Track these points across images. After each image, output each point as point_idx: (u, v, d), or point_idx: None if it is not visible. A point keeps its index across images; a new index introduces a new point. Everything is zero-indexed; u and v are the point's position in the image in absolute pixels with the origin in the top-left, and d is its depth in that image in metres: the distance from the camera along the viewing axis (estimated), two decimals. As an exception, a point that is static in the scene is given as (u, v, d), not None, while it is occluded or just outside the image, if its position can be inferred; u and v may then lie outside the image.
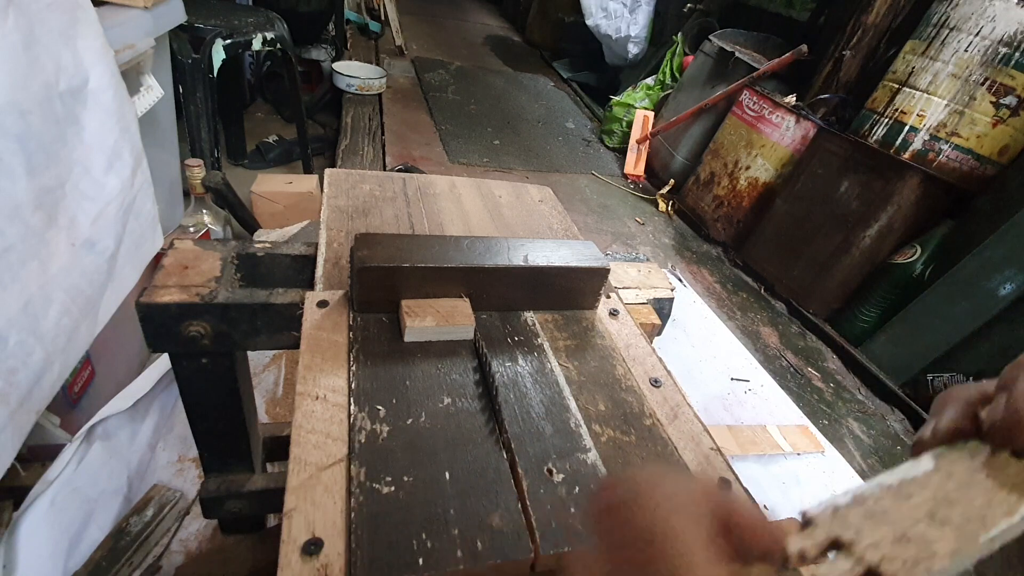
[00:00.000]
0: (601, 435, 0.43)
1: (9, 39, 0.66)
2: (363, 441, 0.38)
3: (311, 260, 0.57)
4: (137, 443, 0.91)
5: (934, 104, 1.91)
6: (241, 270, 0.54)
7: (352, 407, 0.40)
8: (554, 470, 0.39)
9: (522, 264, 0.51)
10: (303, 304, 0.49)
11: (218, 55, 1.55)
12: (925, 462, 0.21)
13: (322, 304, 0.49)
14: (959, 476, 0.20)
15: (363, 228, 0.63)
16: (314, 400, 0.40)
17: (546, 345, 0.51)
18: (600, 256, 0.55)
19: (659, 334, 0.73)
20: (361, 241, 0.48)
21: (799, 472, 1.16)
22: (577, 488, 0.39)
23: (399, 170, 2.29)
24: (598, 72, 4.33)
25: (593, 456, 0.41)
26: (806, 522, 0.21)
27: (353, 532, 0.32)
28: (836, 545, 0.19)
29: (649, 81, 3.24)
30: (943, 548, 0.18)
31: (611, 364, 0.51)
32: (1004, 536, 0.18)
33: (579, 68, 4.46)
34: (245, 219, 1.65)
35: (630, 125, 3.17)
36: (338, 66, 2.93)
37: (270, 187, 1.77)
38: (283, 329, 0.51)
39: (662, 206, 2.82)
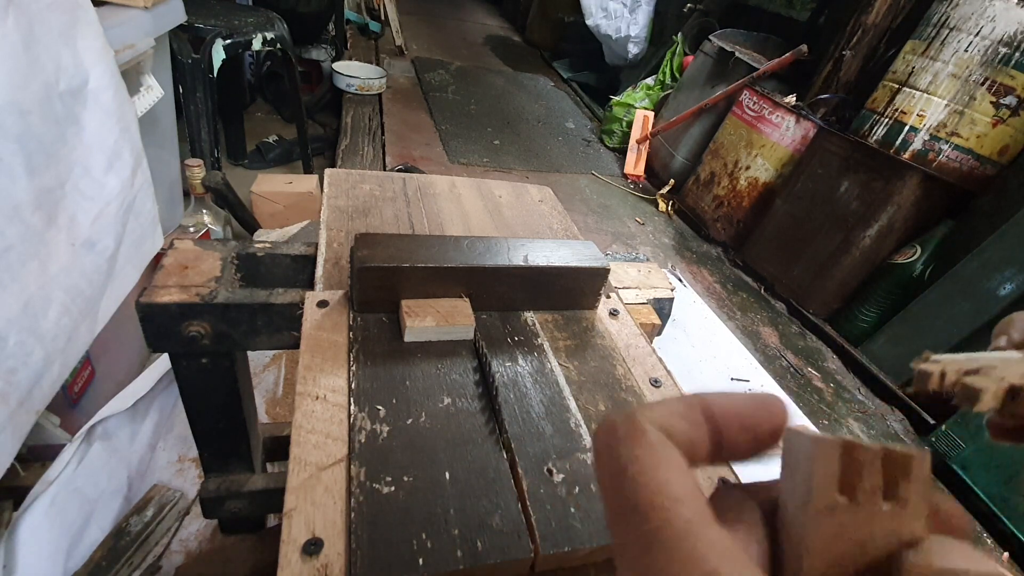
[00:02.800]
0: (601, 435, 0.43)
1: (9, 39, 0.66)
2: (363, 441, 0.38)
3: (311, 260, 0.57)
4: (137, 443, 0.91)
5: (934, 104, 1.90)
6: (241, 270, 0.54)
7: (352, 407, 0.40)
8: (554, 470, 0.39)
9: (522, 264, 0.51)
10: (303, 304, 0.49)
11: (218, 55, 1.55)
12: (1014, 353, 0.20)
13: (322, 304, 0.49)
14: None
15: (363, 228, 0.63)
16: (314, 400, 0.40)
17: (546, 345, 0.51)
18: (600, 256, 0.55)
19: (659, 334, 0.72)
20: (361, 241, 0.48)
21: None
22: (577, 488, 0.39)
23: (399, 170, 2.29)
24: (598, 72, 4.33)
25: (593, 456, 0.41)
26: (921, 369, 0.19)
27: (353, 532, 0.32)
28: (971, 374, 0.18)
29: (649, 81, 3.24)
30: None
31: (611, 364, 0.51)
32: None
33: (579, 68, 4.46)
34: (245, 219, 1.65)
35: (630, 125, 3.17)
36: (338, 66, 2.93)
37: (270, 187, 1.77)
38: (283, 329, 0.51)
39: (662, 206, 2.82)
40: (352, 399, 0.41)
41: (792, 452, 0.17)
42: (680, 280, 1.71)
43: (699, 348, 1.46)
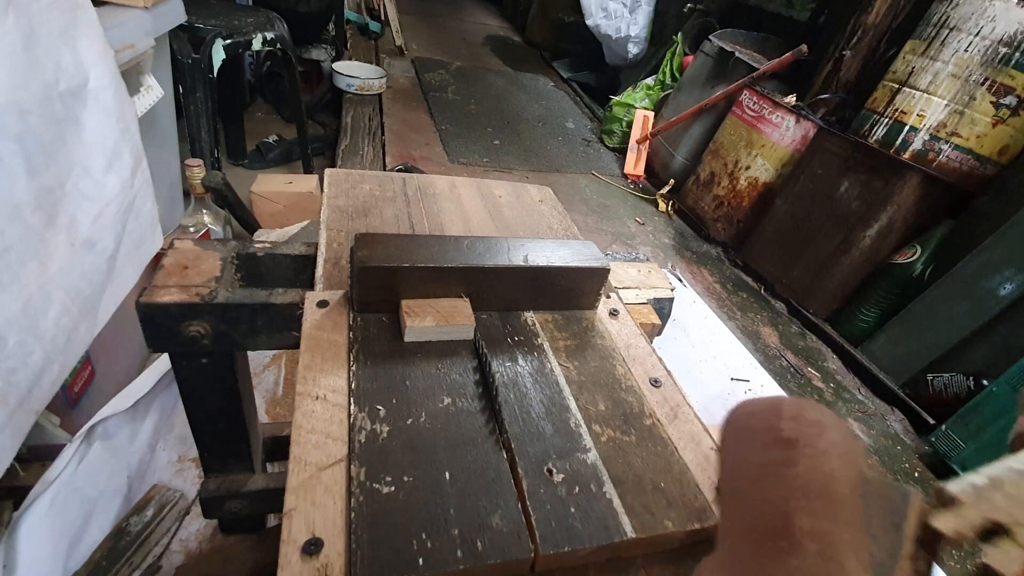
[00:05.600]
0: (601, 435, 0.43)
1: (9, 39, 0.66)
2: (363, 441, 0.38)
3: (311, 260, 0.57)
4: (137, 443, 0.91)
5: (934, 104, 1.90)
6: (241, 270, 0.54)
7: (352, 407, 0.40)
8: (554, 470, 0.39)
9: (522, 264, 0.51)
10: (303, 304, 0.49)
11: (218, 55, 1.55)
12: None
13: (322, 304, 0.49)
14: None
15: (363, 228, 0.63)
16: (314, 400, 0.40)
17: (546, 345, 0.51)
18: (600, 256, 0.55)
19: (659, 334, 0.72)
20: (361, 241, 0.48)
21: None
22: (577, 488, 0.39)
23: (399, 170, 2.29)
24: (598, 72, 4.33)
25: (593, 456, 0.41)
26: (945, 500, 0.18)
27: (353, 532, 0.32)
28: (991, 530, 0.17)
29: (649, 81, 3.24)
30: None
31: (611, 364, 0.51)
32: None
33: (579, 68, 4.46)
34: (245, 219, 1.65)
35: (630, 125, 3.17)
36: (338, 66, 2.93)
37: (270, 187, 1.77)
38: (283, 329, 0.51)
39: (662, 206, 2.82)
40: (352, 399, 0.41)
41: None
42: (680, 280, 1.71)
43: (699, 348, 1.46)
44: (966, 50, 1.83)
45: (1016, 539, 0.16)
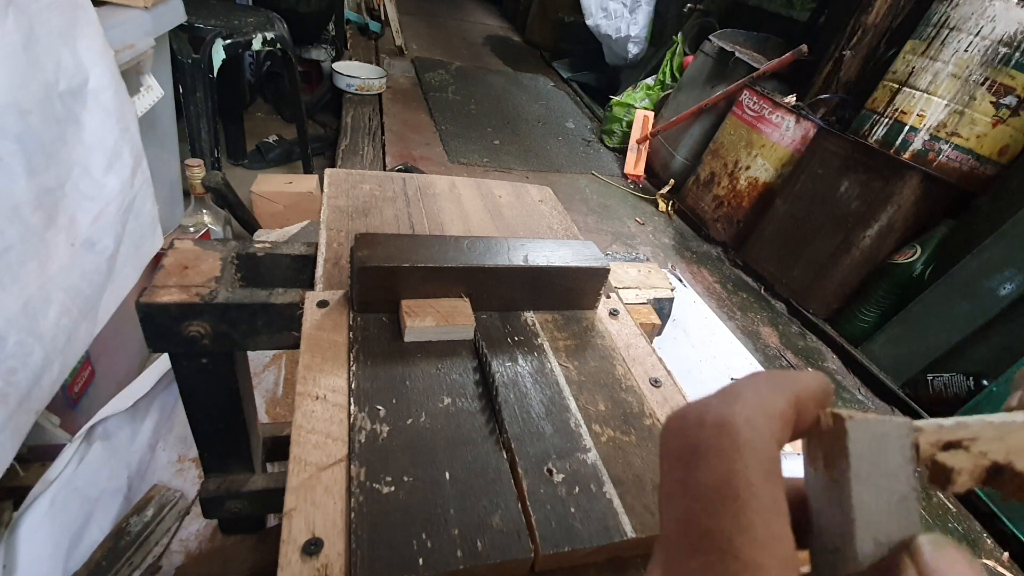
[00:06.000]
0: (601, 435, 0.43)
1: (9, 39, 0.66)
2: (363, 441, 0.38)
3: (311, 260, 0.57)
4: (137, 443, 0.91)
5: (934, 104, 1.90)
6: (241, 270, 0.54)
7: (352, 407, 0.40)
8: (554, 470, 0.39)
9: (522, 264, 0.51)
10: (303, 304, 0.49)
11: (218, 55, 1.55)
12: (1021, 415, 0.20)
13: (322, 304, 0.49)
14: None
15: (363, 228, 0.63)
16: (314, 400, 0.40)
17: (546, 345, 0.51)
18: (600, 256, 0.55)
19: (659, 334, 0.72)
20: (361, 241, 0.48)
21: (799, 472, 1.16)
22: (577, 488, 0.38)
23: (399, 170, 2.29)
24: (598, 72, 4.33)
25: (593, 456, 0.41)
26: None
27: (353, 532, 0.32)
28: (950, 447, 0.16)
29: (649, 81, 3.24)
30: None
31: (611, 364, 0.51)
32: None
33: (579, 68, 4.46)
34: (245, 219, 1.65)
35: (630, 125, 3.17)
36: (338, 66, 2.93)
37: (270, 187, 1.77)
38: (283, 329, 0.51)
39: (662, 206, 2.82)
40: (352, 399, 0.41)
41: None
42: (680, 280, 1.71)
43: (699, 348, 1.46)
44: (966, 50, 1.83)
45: (971, 449, 0.16)
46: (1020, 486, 0.15)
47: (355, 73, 2.95)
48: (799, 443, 0.20)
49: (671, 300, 0.76)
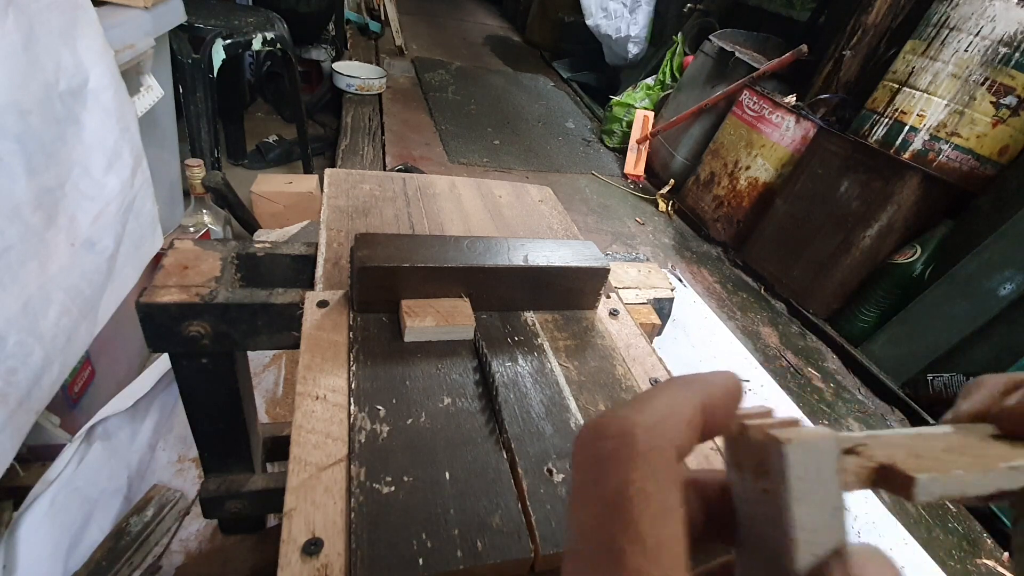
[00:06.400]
0: (601, 435, 0.43)
1: (9, 39, 0.66)
2: (363, 441, 0.38)
3: (311, 260, 0.57)
4: (137, 443, 0.91)
5: (934, 104, 1.91)
6: (241, 270, 0.54)
7: (352, 407, 0.40)
8: (554, 470, 0.39)
9: (522, 264, 0.51)
10: (303, 304, 0.49)
11: (218, 55, 1.55)
12: (943, 428, 0.20)
13: (322, 304, 0.49)
14: (974, 437, 0.19)
15: (363, 228, 0.63)
16: (314, 400, 0.40)
17: (546, 345, 0.51)
18: (600, 256, 0.55)
19: (659, 334, 0.72)
20: (361, 241, 0.48)
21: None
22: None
23: (399, 170, 2.29)
24: (598, 72, 4.33)
25: (593, 456, 0.41)
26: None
27: (353, 532, 0.32)
28: (848, 453, 0.18)
29: (649, 81, 3.24)
30: (959, 465, 0.17)
31: (611, 364, 0.51)
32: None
33: (579, 68, 4.46)
34: (245, 219, 1.65)
35: (630, 125, 3.17)
36: (338, 66, 2.93)
37: (270, 187, 1.77)
38: (283, 329, 0.51)
39: (662, 206, 2.82)
40: (352, 399, 0.41)
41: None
42: (680, 280, 1.71)
43: (699, 348, 1.46)
44: (966, 50, 1.83)
45: (861, 454, 0.17)
46: (902, 483, 0.16)
47: (355, 73, 2.95)
48: None
49: (671, 300, 0.76)
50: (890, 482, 0.17)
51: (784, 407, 1.35)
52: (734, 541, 0.18)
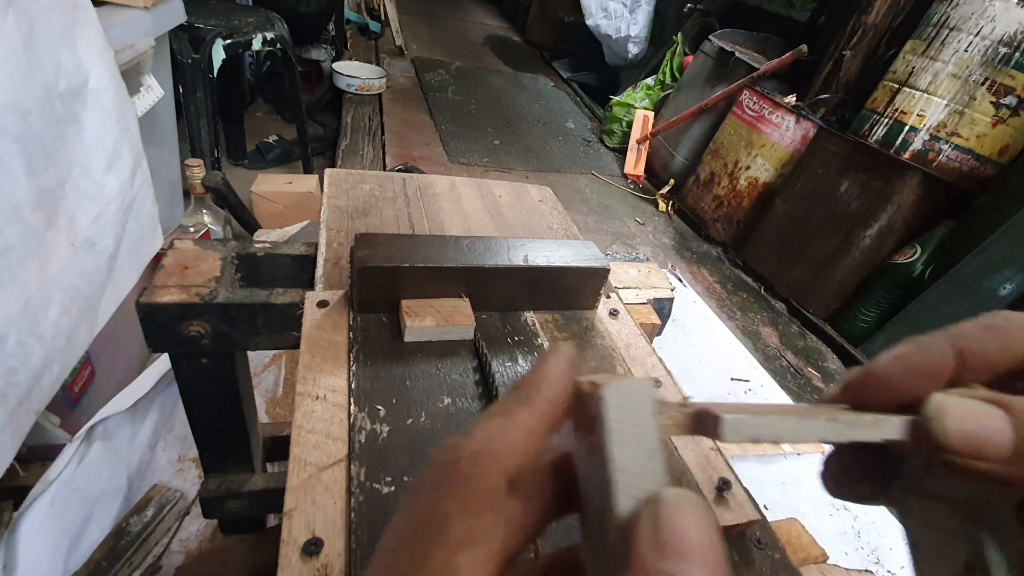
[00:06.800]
0: (601, 435, 0.43)
1: (9, 39, 0.66)
2: (363, 441, 0.38)
3: (311, 260, 0.57)
4: (137, 443, 0.91)
5: (934, 104, 1.90)
6: (241, 270, 0.54)
7: (352, 407, 0.40)
8: (554, 470, 0.39)
9: (522, 264, 0.51)
10: (303, 304, 0.49)
11: (218, 55, 1.55)
12: (803, 405, 0.22)
13: (322, 304, 0.49)
14: (823, 408, 0.20)
15: (363, 228, 0.62)
16: (314, 400, 0.40)
17: (546, 345, 0.51)
18: (600, 256, 0.55)
19: (659, 334, 0.72)
20: (361, 241, 0.48)
21: (799, 472, 1.16)
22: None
23: (399, 170, 2.29)
24: (598, 72, 4.33)
25: (593, 456, 0.41)
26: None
27: (353, 532, 0.32)
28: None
29: (649, 81, 3.24)
30: (777, 413, 0.18)
31: (611, 364, 0.51)
32: (854, 430, 0.18)
33: (579, 68, 4.46)
34: (245, 219, 1.65)
35: (630, 125, 3.17)
36: (338, 66, 2.93)
37: (270, 187, 1.77)
38: (283, 329, 0.51)
39: (662, 206, 2.82)
40: (352, 399, 0.41)
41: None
42: (680, 280, 1.71)
43: (699, 348, 1.46)
44: (966, 50, 1.83)
45: (685, 404, 0.18)
46: (712, 425, 0.17)
47: (355, 73, 2.95)
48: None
49: (671, 300, 0.76)
50: (704, 426, 0.17)
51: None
52: (579, 510, 0.18)
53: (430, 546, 0.14)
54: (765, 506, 1.07)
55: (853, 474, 0.21)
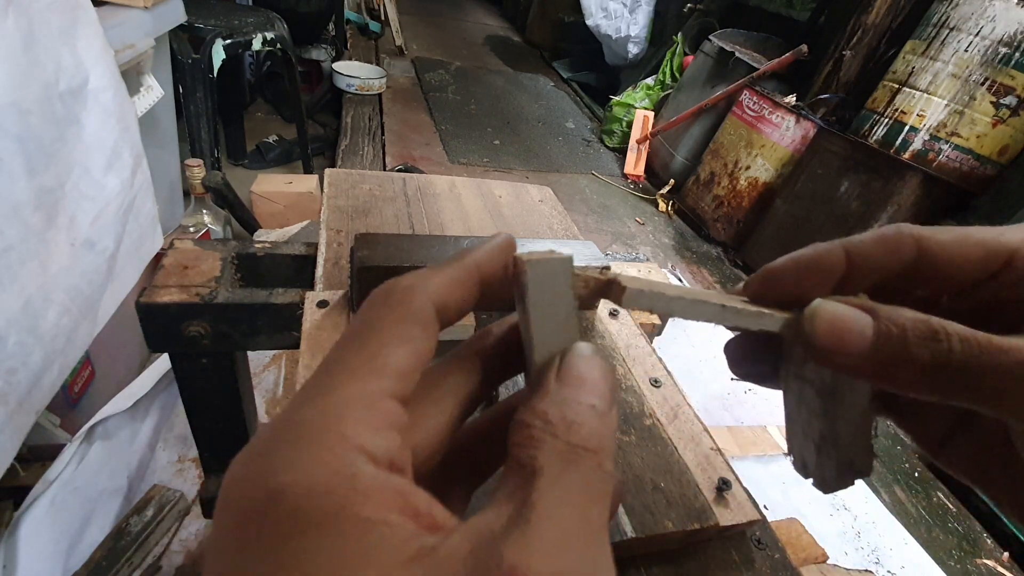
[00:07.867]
0: (601, 435, 0.43)
1: (9, 39, 0.66)
2: (363, 441, 0.38)
3: (311, 260, 0.57)
4: (137, 443, 0.91)
5: (934, 104, 1.91)
6: (241, 270, 0.54)
7: (352, 407, 0.40)
8: (554, 470, 0.39)
9: (522, 264, 0.51)
10: (303, 304, 0.49)
11: (218, 55, 1.55)
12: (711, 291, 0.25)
13: (322, 304, 0.49)
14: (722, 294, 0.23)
15: (363, 228, 0.62)
16: (314, 400, 0.40)
17: (546, 345, 0.51)
18: (600, 256, 0.55)
19: (659, 334, 0.72)
20: (361, 241, 0.48)
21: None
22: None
23: (399, 170, 2.29)
24: (598, 72, 4.33)
25: (593, 456, 0.41)
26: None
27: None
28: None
29: (649, 81, 3.24)
30: (675, 293, 0.20)
31: (611, 364, 0.51)
32: (737, 318, 0.21)
33: (579, 68, 4.46)
34: (245, 219, 1.65)
35: (630, 125, 3.17)
36: (338, 66, 2.93)
37: (270, 187, 1.78)
38: (283, 329, 0.51)
39: (662, 206, 2.82)
40: (352, 399, 0.41)
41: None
42: (680, 280, 1.71)
43: (699, 348, 1.47)
44: (966, 50, 1.83)
45: (601, 275, 0.21)
46: (616, 292, 0.20)
47: (355, 73, 2.95)
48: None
49: (671, 300, 0.76)
50: (611, 292, 0.21)
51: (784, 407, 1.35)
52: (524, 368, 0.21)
53: (367, 339, 0.16)
54: (765, 506, 1.07)
55: (749, 356, 0.25)
